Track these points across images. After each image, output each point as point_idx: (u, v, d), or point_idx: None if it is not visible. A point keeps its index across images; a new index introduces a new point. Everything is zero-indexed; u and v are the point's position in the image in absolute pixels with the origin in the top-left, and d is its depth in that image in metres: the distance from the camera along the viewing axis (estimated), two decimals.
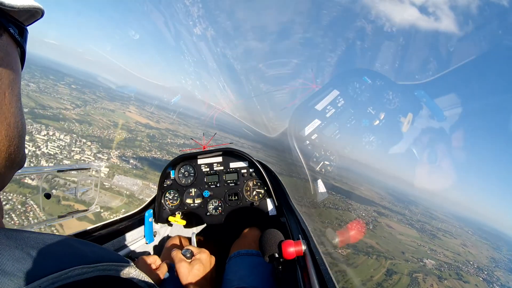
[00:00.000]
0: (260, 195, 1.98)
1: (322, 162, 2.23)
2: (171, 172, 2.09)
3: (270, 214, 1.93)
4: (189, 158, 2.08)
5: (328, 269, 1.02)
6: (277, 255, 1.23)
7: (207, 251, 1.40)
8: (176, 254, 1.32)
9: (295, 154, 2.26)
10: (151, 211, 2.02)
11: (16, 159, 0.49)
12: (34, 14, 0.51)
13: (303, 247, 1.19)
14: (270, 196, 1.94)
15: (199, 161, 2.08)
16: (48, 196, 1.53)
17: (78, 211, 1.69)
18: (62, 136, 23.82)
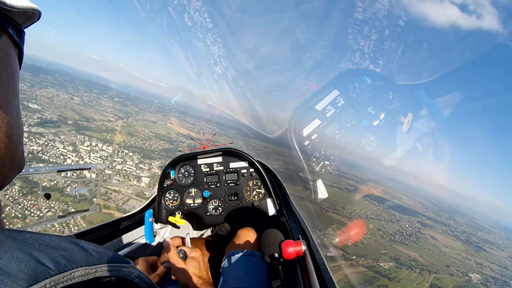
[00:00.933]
0: (260, 195, 1.98)
1: (322, 162, 2.23)
2: (171, 172, 2.09)
3: (270, 214, 1.93)
4: (189, 158, 2.08)
5: (328, 269, 1.02)
6: (277, 255, 1.23)
7: (199, 250, 1.41)
8: (170, 255, 1.33)
9: (295, 154, 2.26)
10: (151, 211, 2.02)
11: (16, 158, 0.49)
12: (31, 16, 0.52)
13: (303, 247, 1.20)
14: (270, 196, 1.94)
15: (199, 161, 2.08)
16: (48, 196, 1.53)
17: (78, 211, 1.69)
18: (104, 147, 24.14)
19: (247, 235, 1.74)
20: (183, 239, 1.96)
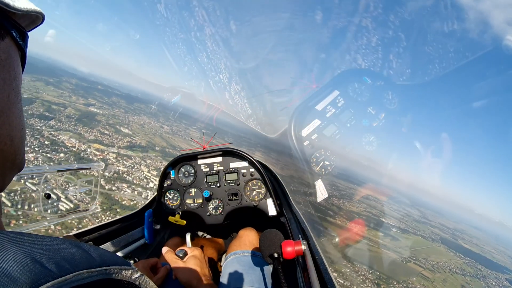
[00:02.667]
0: (260, 195, 1.98)
1: (322, 162, 2.23)
2: (171, 172, 2.09)
3: (270, 214, 1.93)
4: (189, 158, 2.08)
5: (328, 269, 1.02)
6: (277, 255, 1.23)
7: (199, 249, 1.41)
8: (170, 255, 1.33)
9: (295, 154, 2.26)
10: (151, 211, 2.02)
11: (17, 160, 0.49)
12: (35, 20, 0.53)
13: (303, 247, 1.20)
14: (270, 196, 1.94)
15: (199, 161, 2.08)
16: (48, 196, 1.53)
17: (78, 211, 1.69)
18: None
19: (248, 235, 1.75)
20: (183, 238, 1.96)
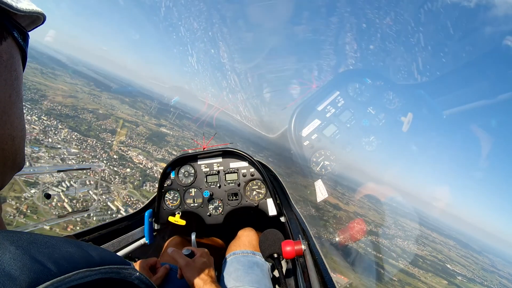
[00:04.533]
0: (260, 195, 1.98)
1: (322, 163, 2.23)
2: (171, 172, 2.09)
3: (270, 214, 1.93)
4: (189, 158, 2.08)
5: (328, 269, 1.02)
6: (277, 255, 1.23)
7: (207, 250, 1.41)
8: (178, 254, 1.33)
9: (295, 154, 2.26)
10: (151, 211, 2.02)
11: (17, 160, 0.49)
12: (36, 20, 0.53)
13: (303, 247, 1.20)
14: (270, 196, 1.94)
15: (199, 161, 2.08)
16: (48, 196, 1.54)
17: (78, 211, 1.69)
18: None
19: (248, 235, 1.75)
20: (183, 238, 1.96)
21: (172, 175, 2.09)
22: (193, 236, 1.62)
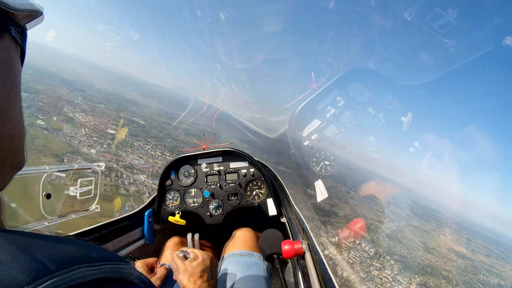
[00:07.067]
0: (261, 195, 1.98)
1: (322, 162, 2.23)
2: (171, 172, 2.09)
3: (270, 214, 1.93)
4: (189, 159, 2.08)
5: (328, 269, 1.02)
6: (277, 255, 1.23)
7: (201, 251, 1.40)
8: (173, 255, 1.32)
9: (295, 154, 2.26)
10: (151, 211, 2.02)
11: (17, 159, 0.49)
12: (34, 17, 0.52)
13: (303, 247, 1.20)
14: (270, 196, 1.94)
15: (199, 161, 2.08)
16: (48, 196, 1.53)
17: (78, 211, 1.69)
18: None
19: (244, 236, 1.74)
20: (182, 238, 1.96)
21: (172, 175, 2.09)
22: (189, 238, 1.61)
